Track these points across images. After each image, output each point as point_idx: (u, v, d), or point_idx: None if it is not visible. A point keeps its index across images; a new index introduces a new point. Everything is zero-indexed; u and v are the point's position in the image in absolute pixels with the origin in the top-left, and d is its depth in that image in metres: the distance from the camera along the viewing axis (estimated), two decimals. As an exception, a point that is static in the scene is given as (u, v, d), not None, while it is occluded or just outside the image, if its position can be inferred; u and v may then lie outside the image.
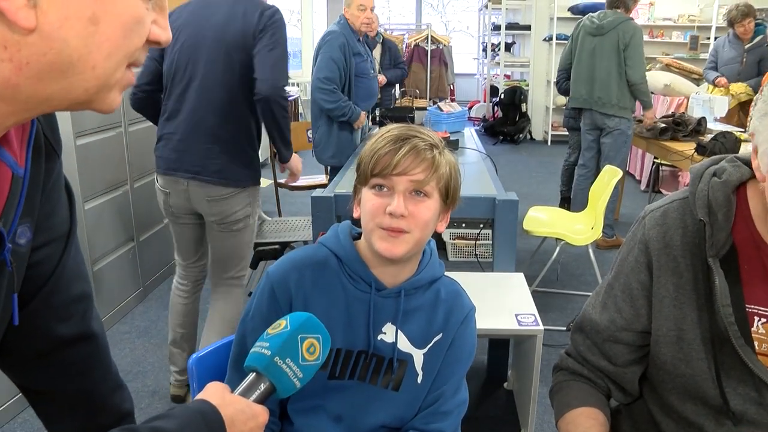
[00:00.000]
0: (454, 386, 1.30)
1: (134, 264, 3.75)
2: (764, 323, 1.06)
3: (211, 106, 2.40)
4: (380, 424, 1.27)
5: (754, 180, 1.07)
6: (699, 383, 1.10)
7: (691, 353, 1.10)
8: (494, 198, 2.72)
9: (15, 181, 0.68)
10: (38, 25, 0.53)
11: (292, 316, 0.95)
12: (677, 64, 7.24)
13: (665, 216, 1.14)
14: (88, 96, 0.60)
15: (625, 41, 4.45)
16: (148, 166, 3.88)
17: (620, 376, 1.23)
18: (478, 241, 4.40)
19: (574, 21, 8.90)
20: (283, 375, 0.89)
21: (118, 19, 0.57)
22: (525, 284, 2.54)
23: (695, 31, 9.43)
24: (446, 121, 4.50)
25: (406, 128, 1.23)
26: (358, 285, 1.25)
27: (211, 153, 2.42)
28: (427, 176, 1.18)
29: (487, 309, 2.29)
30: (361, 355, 1.25)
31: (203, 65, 2.39)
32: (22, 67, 0.55)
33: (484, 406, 2.86)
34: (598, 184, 3.96)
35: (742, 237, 1.07)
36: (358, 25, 4.07)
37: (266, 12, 2.38)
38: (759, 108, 0.97)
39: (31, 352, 0.91)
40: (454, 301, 1.31)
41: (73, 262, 0.90)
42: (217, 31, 2.39)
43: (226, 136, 2.43)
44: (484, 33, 11.27)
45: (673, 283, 1.11)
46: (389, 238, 1.18)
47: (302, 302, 1.23)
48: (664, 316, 1.13)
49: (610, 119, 4.61)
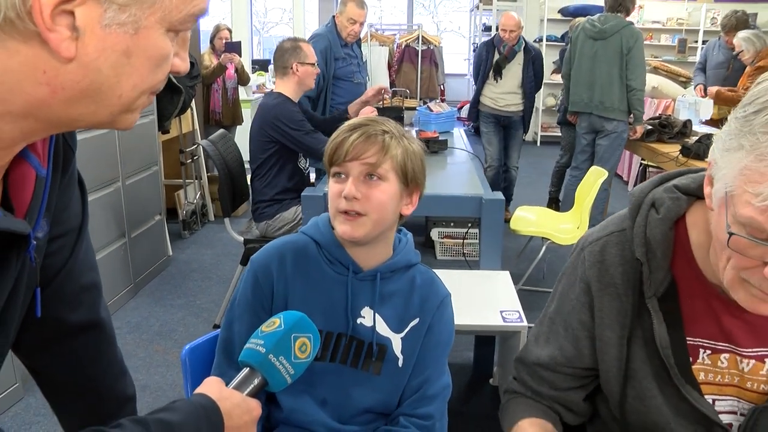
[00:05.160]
0: (437, 371, 1.35)
1: (125, 260, 3.78)
2: (709, 354, 1.06)
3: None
4: (365, 408, 1.33)
5: (693, 209, 1.07)
6: (654, 419, 1.09)
7: (644, 391, 1.09)
8: (481, 197, 2.77)
9: (39, 181, 0.72)
10: (77, 56, 0.58)
11: (285, 315, 1.00)
12: (665, 67, 7.32)
13: (603, 252, 1.12)
14: (112, 119, 0.66)
15: (628, 46, 4.45)
16: (139, 164, 3.92)
17: (564, 399, 1.21)
18: (466, 240, 4.45)
19: (564, 23, 9.03)
20: (275, 371, 0.95)
21: (147, 55, 0.63)
22: (510, 282, 2.59)
23: (683, 34, 9.54)
24: (435, 121, 4.54)
25: (362, 119, 1.32)
26: (336, 268, 1.32)
27: None
28: (378, 159, 1.25)
29: (473, 306, 2.34)
30: (342, 338, 1.31)
31: None
32: (57, 91, 0.60)
33: (470, 401, 2.91)
34: (584, 184, 4.02)
35: (681, 271, 1.06)
36: (345, 34, 4.24)
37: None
38: (723, 141, 0.90)
39: (43, 338, 0.96)
40: (429, 287, 1.38)
41: (84, 253, 0.95)
42: None
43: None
44: (474, 34, 11.33)
45: (619, 323, 1.10)
46: (348, 221, 1.25)
47: (283, 286, 1.30)
48: (613, 356, 1.11)
49: (609, 122, 4.63)
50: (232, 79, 5.78)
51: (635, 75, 4.50)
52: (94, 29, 0.58)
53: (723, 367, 1.06)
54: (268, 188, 3.33)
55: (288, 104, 3.27)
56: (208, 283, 4.16)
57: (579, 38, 4.74)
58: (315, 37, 4.14)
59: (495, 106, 5.42)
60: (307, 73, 3.31)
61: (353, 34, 4.27)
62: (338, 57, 4.17)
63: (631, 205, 1.11)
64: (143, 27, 0.61)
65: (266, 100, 3.36)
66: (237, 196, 3.51)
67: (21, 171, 0.71)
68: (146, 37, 0.61)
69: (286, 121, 3.19)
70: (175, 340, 3.38)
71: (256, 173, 3.35)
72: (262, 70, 8.27)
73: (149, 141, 4.08)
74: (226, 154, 3.44)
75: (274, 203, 3.32)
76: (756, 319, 1.02)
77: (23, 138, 0.65)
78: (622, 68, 4.51)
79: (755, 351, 1.05)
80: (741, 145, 0.84)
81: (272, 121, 3.21)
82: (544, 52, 9.44)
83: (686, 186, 1.07)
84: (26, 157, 0.70)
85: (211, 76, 5.64)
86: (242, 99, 6.20)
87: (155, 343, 3.35)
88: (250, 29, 9.60)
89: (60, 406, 1.07)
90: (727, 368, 1.06)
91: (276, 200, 3.33)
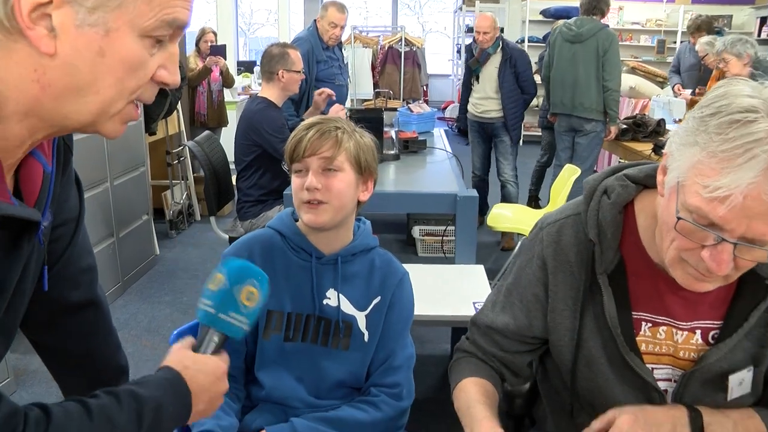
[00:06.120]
0: (401, 343, 1.50)
1: (114, 259, 3.87)
2: (650, 327, 1.19)
3: None
4: (337, 381, 1.46)
5: (641, 197, 1.19)
6: (601, 384, 1.22)
7: (592, 359, 1.21)
8: (456, 195, 2.90)
9: (45, 176, 0.85)
10: (57, 53, 0.69)
11: (227, 266, 1.02)
12: (642, 67, 7.49)
13: (560, 233, 1.24)
14: (93, 118, 0.75)
15: (604, 48, 4.60)
16: (127, 165, 4.02)
17: (509, 361, 1.33)
18: (445, 237, 4.58)
19: (546, 24, 9.18)
20: (229, 325, 0.99)
21: (120, 57, 0.72)
22: (484, 275, 2.70)
23: (662, 35, 9.72)
24: (416, 122, 4.66)
25: (316, 118, 1.46)
26: (300, 255, 1.46)
27: None
28: (333, 152, 1.39)
29: (448, 298, 2.45)
30: (311, 318, 1.44)
31: None
32: (45, 87, 0.71)
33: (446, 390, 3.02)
34: (559, 180, 4.16)
35: (629, 251, 1.18)
36: (326, 38, 4.37)
37: None
38: (680, 136, 1.01)
39: (49, 314, 1.09)
40: (387, 267, 1.52)
41: (82, 239, 1.09)
42: None
43: None
44: (458, 35, 11.45)
45: (572, 297, 1.22)
46: (311, 210, 1.39)
47: None
48: (566, 327, 1.23)
49: (588, 122, 4.77)
50: (217, 82, 5.87)
51: (611, 76, 4.65)
52: (68, 29, 0.68)
53: (661, 338, 1.19)
54: (253, 189, 3.43)
55: (270, 110, 3.37)
56: (195, 280, 4.25)
57: (557, 42, 4.87)
58: (297, 40, 4.26)
59: (475, 112, 5.15)
60: (292, 80, 3.42)
61: (334, 38, 4.40)
62: (320, 60, 4.30)
63: (586, 192, 1.22)
64: (113, 29, 0.70)
65: (250, 105, 3.47)
66: (222, 196, 3.61)
67: (31, 167, 0.82)
68: (117, 39, 0.70)
69: (266, 127, 3.29)
70: (162, 336, 3.48)
71: (242, 175, 3.45)
72: (248, 72, 8.36)
73: (136, 142, 4.18)
74: (211, 154, 3.53)
75: (259, 203, 3.44)
76: (691, 296, 1.14)
77: (30, 136, 0.76)
78: (598, 69, 4.66)
79: (688, 324, 1.18)
80: (696, 141, 0.96)
81: (255, 126, 3.32)
82: (527, 52, 9.59)
83: (635, 176, 1.20)
84: (35, 156, 0.83)
85: (197, 78, 5.74)
86: (227, 101, 6.29)
87: (143, 338, 3.45)
88: (235, 31, 9.65)
89: (62, 376, 1.19)
90: (664, 339, 1.19)
91: (260, 200, 3.44)
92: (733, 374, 1.15)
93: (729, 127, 0.92)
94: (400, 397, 1.47)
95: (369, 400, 1.46)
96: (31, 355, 2.88)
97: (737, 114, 0.92)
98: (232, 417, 1.39)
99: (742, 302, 1.14)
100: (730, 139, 0.91)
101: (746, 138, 0.90)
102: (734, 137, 0.91)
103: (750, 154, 0.89)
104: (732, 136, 0.91)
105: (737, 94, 0.95)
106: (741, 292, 1.15)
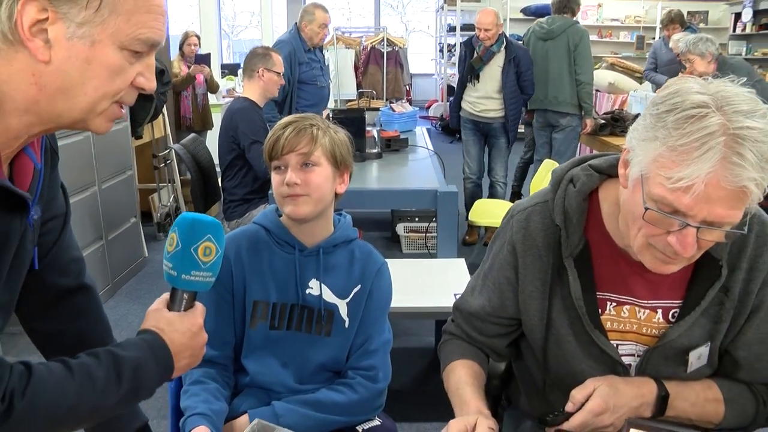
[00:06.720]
0: (378, 329, 1.58)
1: (103, 261, 3.93)
2: (615, 306, 1.28)
3: None
4: (320, 364, 1.55)
5: (605, 185, 1.27)
6: (570, 360, 1.31)
7: (561, 337, 1.29)
8: (436, 190, 2.99)
9: (36, 172, 0.96)
10: (52, 61, 0.82)
11: (179, 225, 1.03)
12: (621, 63, 7.60)
13: (528, 220, 1.32)
14: (82, 115, 0.88)
15: (575, 43, 4.76)
16: (114, 168, 4.07)
17: (490, 344, 1.43)
18: (428, 233, 4.65)
19: (526, 22, 9.27)
20: (194, 283, 1.03)
21: (104, 64, 0.85)
22: (465, 268, 2.79)
23: (641, 31, 9.88)
24: (398, 121, 4.75)
25: (292, 117, 1.54)
26: (284, 248, 1.54)
27: None
28: (310, 148, 1.47)
29: (430, 291, 2.54)
30: (295, 308, 1.53)
31: None
32: (42, 89, 0.84)
33: (431, 381, 3.11)
34: (537, 175, 4.25)
35: (594, 236, 1.27)
36: (317, 40, 4.47)
37: None
38: (639, 132, 1.08)
39: (42, 300, 1.18)
40: (367, 258, 1.60)
41: (69, 235, 1.20)
42: None
43: None
44: (440, 34, 11.55)
45: (540, 279, 1.30)
46: (292, 202, 1.47)
47: (240, 269, 1.52)
48: (535, 308, 1.31)
49: (563, 117, 4.91)
50: (201, 86, 5.93)
51: (583, 69, 4.80)
52: (61, 41, 0.81)
53: (625, 317, 1.29)
54: (238, 188, 3.50)
55: (250, 111, 3.43)
56: (184, 281, 4.29)
57: (531, 40, 5.02)
58: (279, 43, 4.34)
59: (473, 111, 4.93)
60: (271, 81, 3.49)
61: (323, 38, 4.52)
62: (302, 62, 4.38)
63: (553, 181, 1.32)
64: (98, 41, 0.83)
65: (233, 105, 3.54)
66: (209, 197, 3.66)
67: (23, 162, 0.94)
68: (101, 49, 0.84)
69: (243, 127, 3.36)
70: (153, 335, 3.53)
71: (226, 174, 3.52)
72: (232, 75, 8.38)
73: (123, 146, 4.23)
74: (197, 157, 3.58)
75: (244, 202, 3.50)
76: (653, 277, 1.23)
77: (26, 130, 0.87)
78: (571, 64, 4.80)
79: (650, 303, 1.27)
80: (656, 136, 1.04)
81: (235, 124, 3.39)
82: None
83: (599, 166, 1.29)
84: (27, 153, 0.94)
85: (181, 84, 5.80)
86: (212, 104, 6.33)
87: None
88: (218, 33, 9.68)
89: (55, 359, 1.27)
90: (627, 318, 1.29)
91: (246, 199, 3.50)
92: (693, 350, 1.25)
93: (686, 122, 1.01)
94: (375, 380, 1.55)
95: (346, 383, 1.55)
96: (26, 356, 2.93)
97: (691, 110, 1.01)
98: (222, 402, 1.48)
99: (699, 283, 1.23)
100: (688, 133, 1.00)
101: (702, 132, 0.99)
102: (691, 131, 0.99)
103: (706, 146, 0.98)
104: (689, 130, 1.00)
105: (688, 91, 1.04)
106: (698, 273, 1.24)
